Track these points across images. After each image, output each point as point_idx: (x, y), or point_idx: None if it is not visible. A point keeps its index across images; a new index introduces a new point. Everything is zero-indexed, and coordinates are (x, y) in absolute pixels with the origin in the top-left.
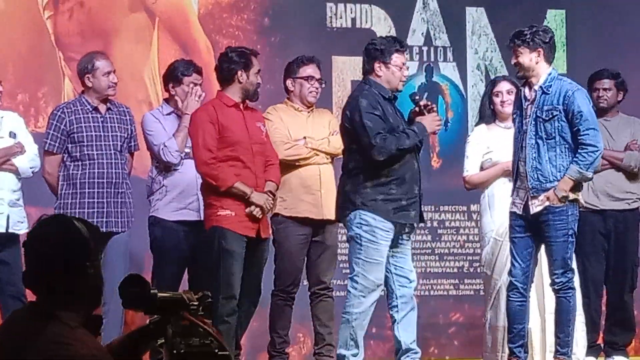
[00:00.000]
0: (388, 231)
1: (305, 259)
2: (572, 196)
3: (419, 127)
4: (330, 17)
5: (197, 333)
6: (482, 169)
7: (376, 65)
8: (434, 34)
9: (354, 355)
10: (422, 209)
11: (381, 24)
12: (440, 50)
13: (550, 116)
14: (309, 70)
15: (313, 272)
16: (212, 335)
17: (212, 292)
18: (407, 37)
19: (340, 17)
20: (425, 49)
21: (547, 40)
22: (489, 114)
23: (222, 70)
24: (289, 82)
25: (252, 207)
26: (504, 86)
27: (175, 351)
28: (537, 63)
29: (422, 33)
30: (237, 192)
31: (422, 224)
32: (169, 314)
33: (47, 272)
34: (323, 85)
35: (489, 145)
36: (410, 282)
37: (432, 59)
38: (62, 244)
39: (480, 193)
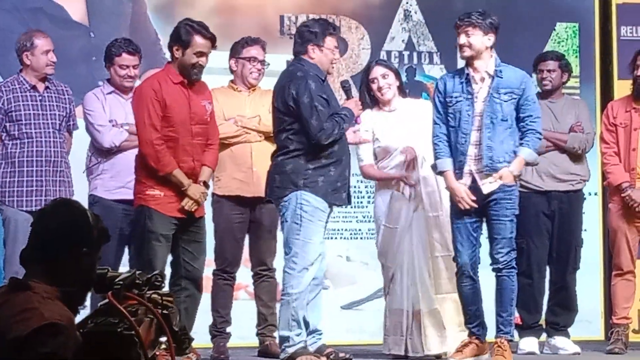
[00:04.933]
0: (324, 212)
1: (247, 239)
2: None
3: (349, 112)
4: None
5: (119, 313)
6: (374, 154)
7: (310, 47)
8: (417, 42)
9: (298, 335)
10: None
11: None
12: (425, 55)
13: (509, 98)
14: (253, 51)
15: (254, 253)
16: (127, 318)
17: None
18: (383, 43)
19: None
20: (406, 53)
21: (497, 27)
22: (368, 101)
23: (169, 43)
24: (232, 62)
25: (186, 200)
26: (378, 71)
27: (81, 330)
28: (486, 47)
29: (403, 40)
30: (174, 180)
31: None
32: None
33: (43, 245)
34: (266, 67)
35: (375, 131)
36: (324, 264)
37: (415, 63)
38: (66, 222)
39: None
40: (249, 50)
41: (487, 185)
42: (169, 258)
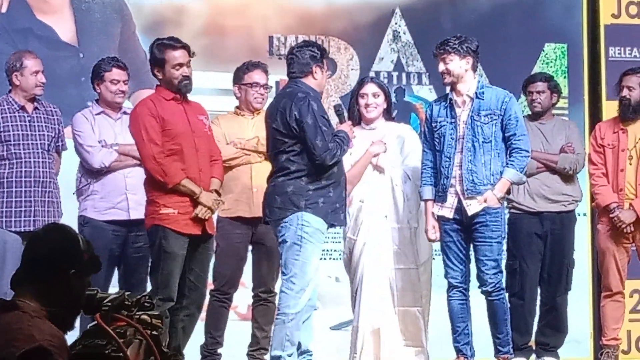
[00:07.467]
0: (323, 233)
1: (249, 260)
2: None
3: (345, 134)
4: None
5: (107, 334)
6: None
7: (314, 67)
8: (406, 62)
9: (290, 356)
10: None
11: (341, 53)
12: (414, 76)
13: (490, 120)
14: (255, 76)
15: (256, 276)
16: (115, 339)
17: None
18: (372, 64)
19: None
20: (395, 74)
21: (474, 49)
22: (356, 115)
23: (151, 69)
24: (235, 88)
25: (199, 208)
26: (369, 88)
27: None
28: (466, 71)
29: (392, 61)
30: (184, 190)
31: None
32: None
33: (34, 269)
34: (268, 90)
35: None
36: (316, 285)
37: (404, 83)
38: (57, 247)
39: None
40: (250, 75)
41: (472, 207)
42: None
